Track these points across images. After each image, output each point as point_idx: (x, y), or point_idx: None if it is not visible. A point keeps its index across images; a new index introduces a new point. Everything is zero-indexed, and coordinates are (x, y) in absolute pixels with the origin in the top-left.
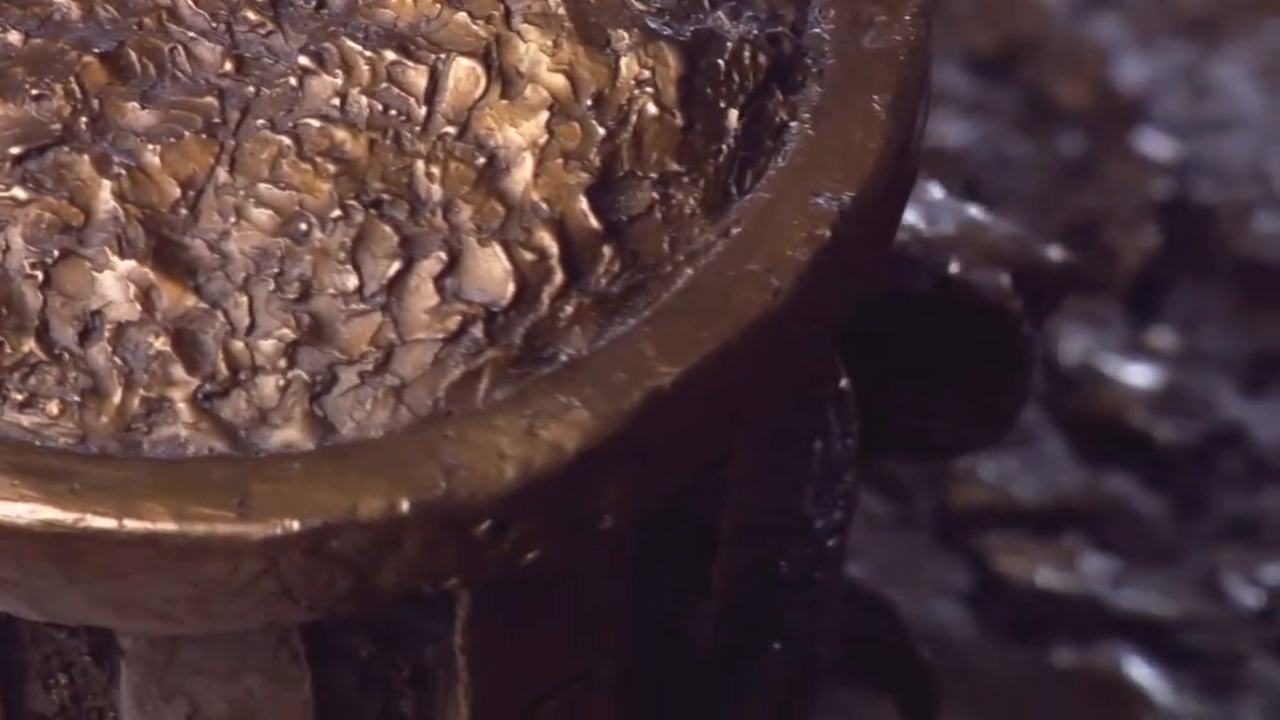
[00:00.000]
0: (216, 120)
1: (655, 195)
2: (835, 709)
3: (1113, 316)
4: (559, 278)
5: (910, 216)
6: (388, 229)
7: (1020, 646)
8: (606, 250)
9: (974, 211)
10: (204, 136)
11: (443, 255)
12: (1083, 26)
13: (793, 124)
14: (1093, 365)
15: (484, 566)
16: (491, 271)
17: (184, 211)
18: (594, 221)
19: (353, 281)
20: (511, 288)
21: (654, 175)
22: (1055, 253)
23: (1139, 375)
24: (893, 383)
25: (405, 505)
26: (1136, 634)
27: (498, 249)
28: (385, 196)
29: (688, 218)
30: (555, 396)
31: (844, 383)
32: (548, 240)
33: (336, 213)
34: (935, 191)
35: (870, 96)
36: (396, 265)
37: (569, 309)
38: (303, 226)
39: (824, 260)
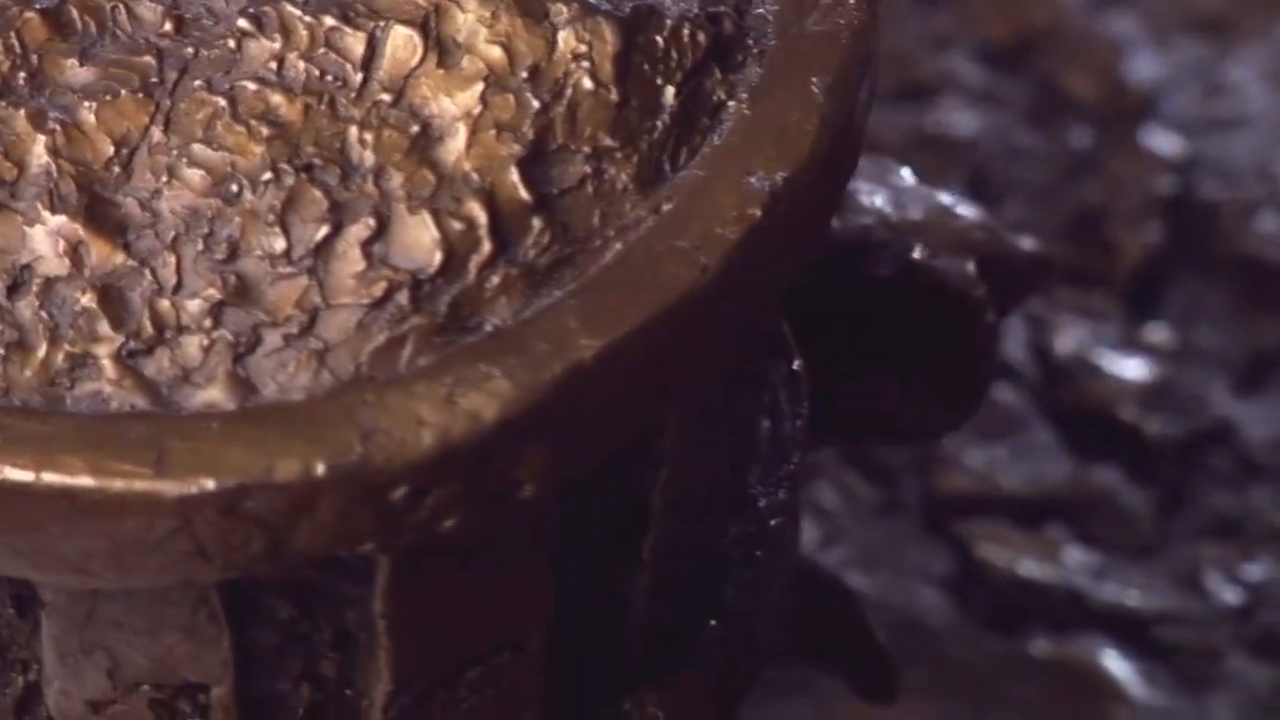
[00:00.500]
0: (154, 80)
1: (587, 169)
2: (794, 690)
3: (1110, 310)
4: (487, 248)
5: (878, 201)
6: (318, 193)
7: (998, 635)
8: (536, 222)
9: (944, 198)
10: (140, 95)
11: (371, 221)
12: (1097, 21)
13: (730, 103)
14: (1087, 358)
15: (401, 532)
16: (419, 239)
17: (117, 169)
18: (524, 193)
19: (280, 244)
20: (439, 256)
21: (587, 149)
22: (1026, 242)
23: (1133, 369)
24: (853, 367)
25: (321, 468)
26: (1114, 627)
27: (427, 217)
28: (317, 161)
29: (619, 193)
30: (477, 365)
31: (796, 364)
32: (477, 210)
33: (267, 175)
34: (905, 177)
35: (809, 78)
36: (325, 230)
37: (496, 279)
38: (234, 188)
39: (754, 239)
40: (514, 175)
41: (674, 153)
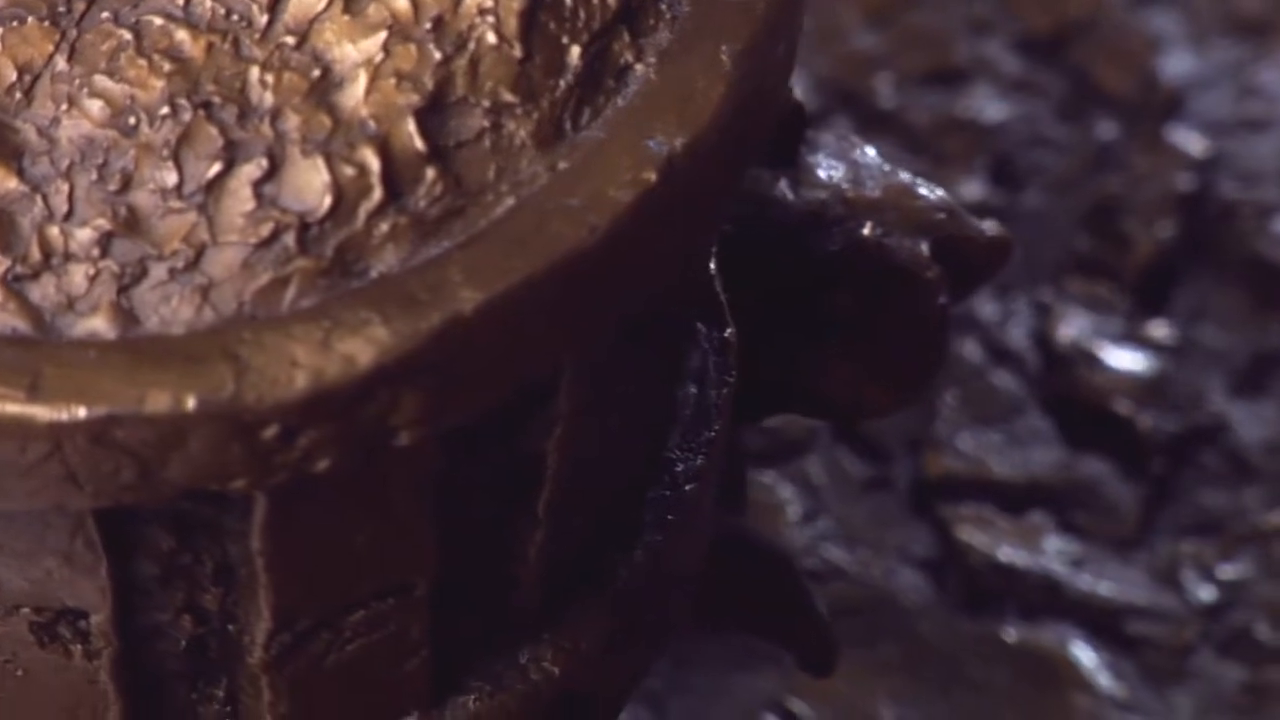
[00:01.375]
0: (61, 9)
1: (486, 124)
2: (765, 660)
3: (1117, 302)
4: (377, 195)
5: (836, 176)
6: (213, 131)
7: (971, 618)
8: (429, 173)
9: (904, 178)
10: (47, 24)
11: (264, 162)
12: (1136, 16)
13: (637, 66)
14: (1087, 348)
15: (273, 471)
16: (310, 182)
17: (18, 95)
18: (419, 143)
19: (173, 179)
20: (328, 200)
21: (487, 104)
22: (988, 226)
23: (1132, 363)
24: (795, 340)
25: (191, 402)
26: (1087, 617)
27: (319, 161)
28: (216, 99)
29: (516, 149)
30: (356, 311)
31: (729, 332)
32: (370, 157)
33: (165, 110)
34: (868, 154)
35: (720, 45)
36: (217, 167)
37: (384, 227)
38: (132, 120)
39: (649, 203)
40: (411, 125)
41: (575, 112)
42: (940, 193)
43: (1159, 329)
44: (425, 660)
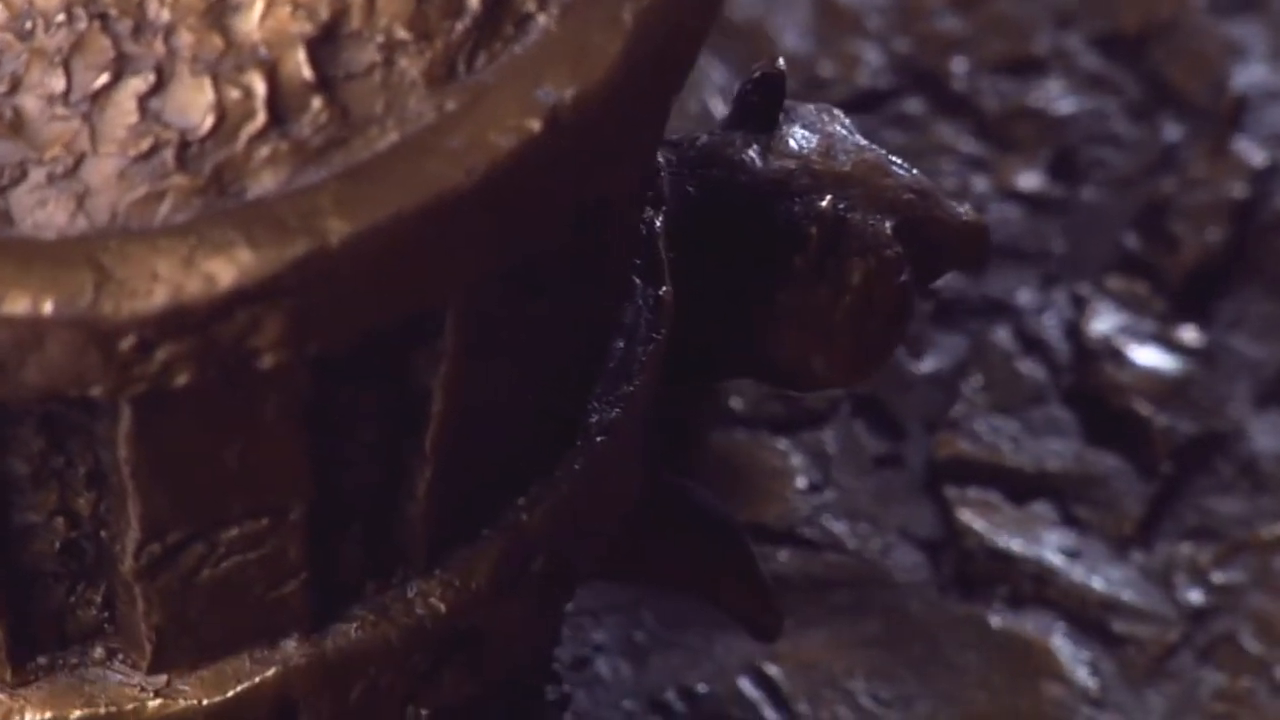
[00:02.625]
0: None
1: (378, 58)
2: (717, 622)
3: (1154, 303)
4: (260, 119)
5: (807, 147)
6: (106, 42)
7: (959, 600)
8: (315, 102)
9: (879, 156)
10: None
11: (151, 77)
12: (1220, 23)
13: (539, 16)
14: (1116, 345)
15: (131, 381)
16: (195, 101)
17: None
18: (308, 72)
19: (61, 85)
20: (210, 120)
21: (381, 39)
22: (965, 211)
23: (1159, 364)
24: (752, 305)
25: (49, 306)
26: (1073, 610)
27: (206, 81)
28: (113, 11)
29: (406, 86)
30: (225, 231)
31: (664, 290)
32: (257, 82)
33: (62, 17)
34: (844, 129)
35: (623, 2)
36: (105, 77)
37: (264, 151)
38: (28, 25)
39: (530, 152)
40: (301, 53)
41: (470, 56)
42: (915, 174)
43: (1190, 333)
44: (305, 584)
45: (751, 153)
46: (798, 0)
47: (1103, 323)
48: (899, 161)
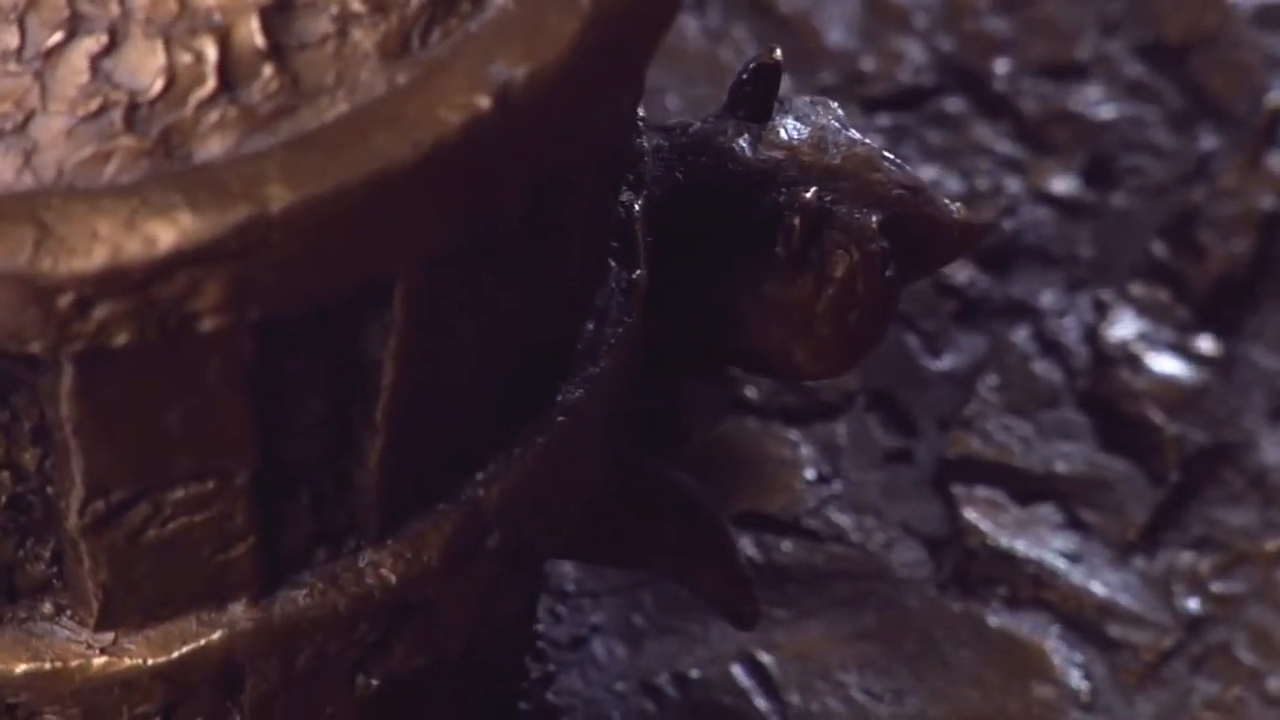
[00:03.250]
0: None
1: (332, 29)
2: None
3: (1175, 311)
4: (210, 85)
5: (798, 139)
6: (61, 0)
7: (957, 598)
8: (266, 70)
9: (871, 152)
10: None
11: (104, 38)
12: (1265, 37)
13: None
14: (1134, 351)
15: (70, 339)
16: (146, 63)
17: None
18: (260, 40)
19: (14, 41)
20: (161, 83)
21: (335, 10)
22: (956, 209)
23: (1175, 372)
24: (735, 292)
25: None
26: (1070, 613)
27: (159, 44)
28: None
29: (359, 58)
30: (168, 193)
31: (637, 274)
32: (209, 47)
33: None
34: (838, 122)
35: None
36: (59, 36)
37: (213, 116)
38: None
39: (478, 129)
40: (255, 21)
41: (425, 31)
42: (906, 170)
43: (1209, 343)
44: (252, 549)
45: (742, 142)
46: None
47: (1122, 328)
48: (891, 157)
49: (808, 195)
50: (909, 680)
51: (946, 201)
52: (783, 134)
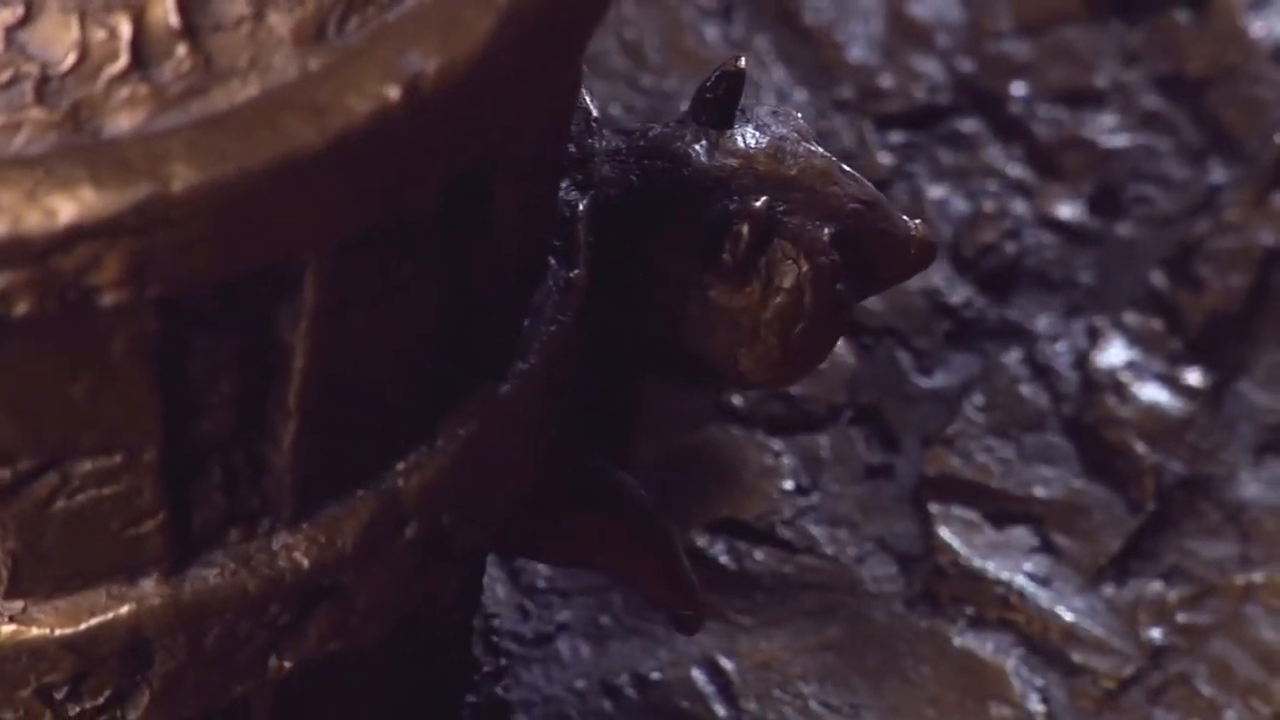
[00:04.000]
0: None
1: (248, 12)
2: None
3: (1167, 342)
4: (123, 61)
5: (755, 148)
6: None
7: (924, 616)
8: (180, 49)
9: (829, 165)
10: None
11: (20, 9)
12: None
13: None
14: (1123, 380)
15: None
16: (60, 36)
17: None
18: (175, 20)
19: None
20: (73, 57)
21: None
22: (914, 225)
23: (1160, 403)
24: (683, 297)
25: None
26: (1035, 636)
27: (73, 18)
28: None
29: (274, 42)
30: (72, 167)
31: (576, 273)
32: (123, 24)
33: None
34: (799, 135)
35: None
36: None
37: (124, 92)
38: None
39: (386, 119)
40: (170, 1)
41: (342, 18)
42: (864, 184)
43: (1197, 376)
44: (163, 525)
45: (698, 147)
46: (873, 11)
47: (1113, 356)
48: (850, 171)
49: (757, 204)
50: (867, 695)
51: (904, 218)
52: (740, 142)
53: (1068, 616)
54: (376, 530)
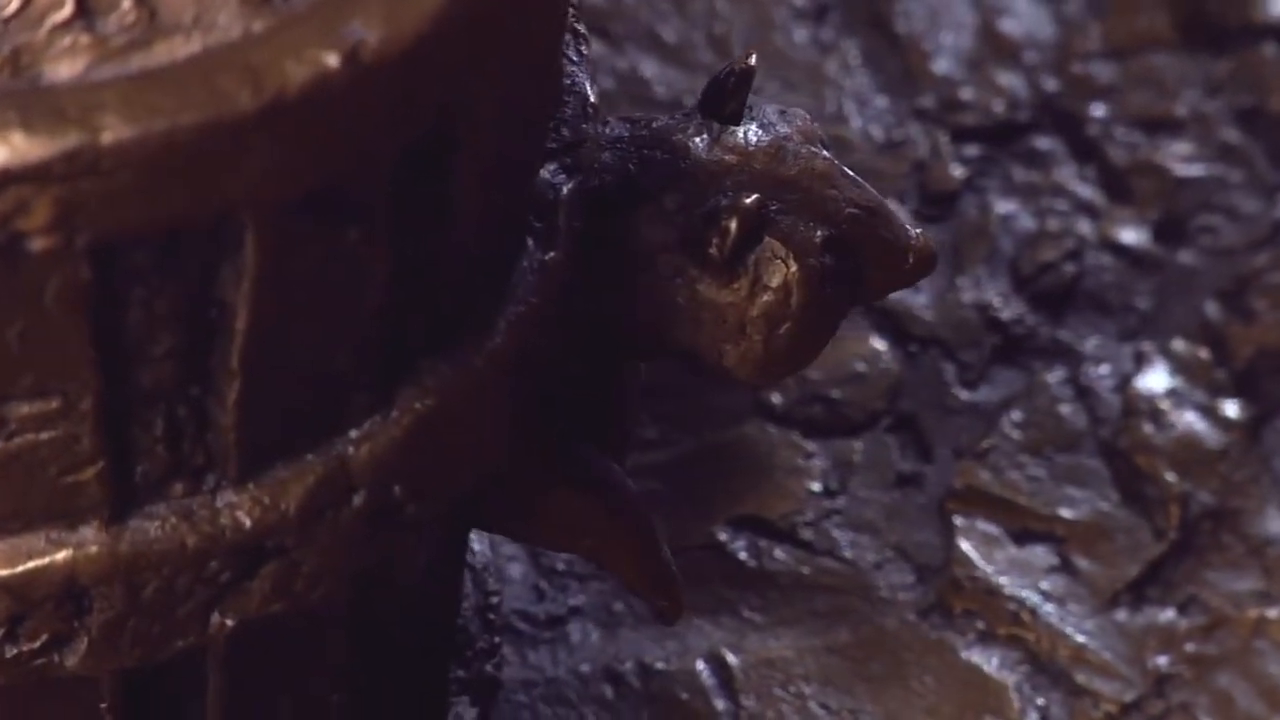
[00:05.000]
0: None
1: None
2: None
3: (1211, 373)
4: (68, 10)
5: (755, 145)
6: None
7: (935, 626)
8: (126, 2)
9: (830, 166)
10: None
11: None
12: None
13: None
14: (1161, 407)
15: None
16: None
17: None
18: None
19: None
20: (17, 3)
21: None
22: (915, 234)
23: (1198, 432)
24: (673, 286)
25: None
26: (1042, 655)
27: None
28: None
29: (220, 1)
30: (4, 112)
31: (551, 255)
32: None
33: None
34: (801, 136)
35: None
36: None
37: (66, 41)
38: None
39: (325, 85)
40: None
41: None
42: (867, 190)
43: (1236, 408)
44: (102, 473)
45: (699, 140)
46: (965, 23)
47: (1155, 382)
48: (854, 176)
49: (748, 200)
50: (867, 700)
51: (906, 227)
52: (741, 138)
53: (1078, 638)
54: (323, 496)
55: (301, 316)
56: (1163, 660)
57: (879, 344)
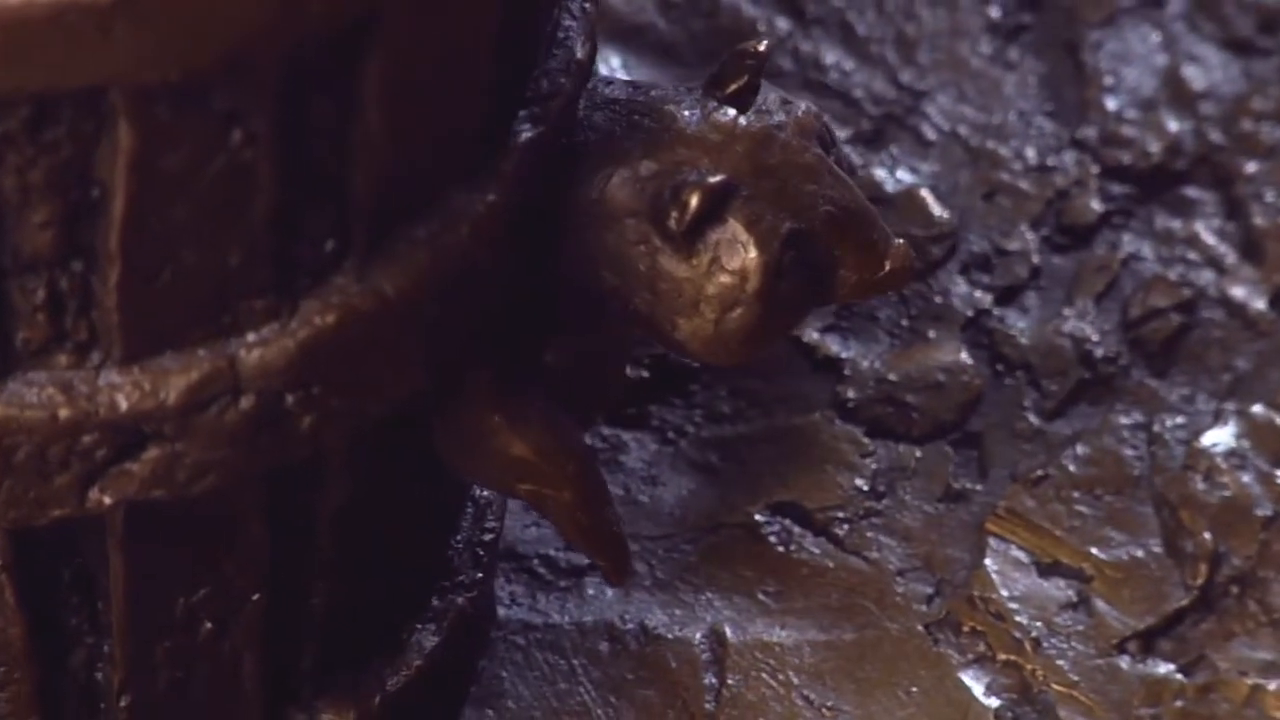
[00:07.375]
0: None
1: None
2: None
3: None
4: None
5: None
6: None
7: (939, 642)
8: None
9: (820, 160)
10: None
11: None
12: None
13: None
14: (1220, 466)
15: None
16: None
17: None
18: None
19: None
20: None
21: None
22: (895, 245)
23: (1249, 498)
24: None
25: None
26: (1035, 687)
27: None
28: None
29: None
30: None
31: (490, 197)
32: None
33: None
34: (791, 119)
35: None
36: None
37: None
38: None
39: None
40: None
41: None
42: (853, 192)
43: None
44: None
45: (689, 114)
46: (1153, 65)
47: (1221, 441)
48: (843, 177)
49: (713, 180)
50: (851, 702)
51: (890, 236)
52: (730, 119)
53: (1072, 676)
54: (205, 392)
55: (182, 208)
56: (1147, 713)
57: (967, 358)
